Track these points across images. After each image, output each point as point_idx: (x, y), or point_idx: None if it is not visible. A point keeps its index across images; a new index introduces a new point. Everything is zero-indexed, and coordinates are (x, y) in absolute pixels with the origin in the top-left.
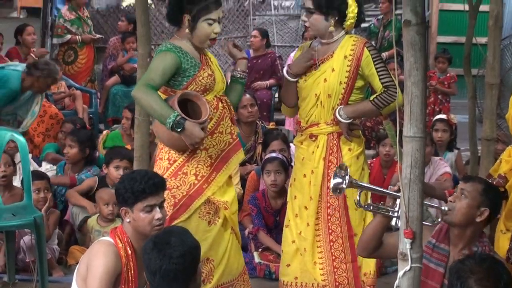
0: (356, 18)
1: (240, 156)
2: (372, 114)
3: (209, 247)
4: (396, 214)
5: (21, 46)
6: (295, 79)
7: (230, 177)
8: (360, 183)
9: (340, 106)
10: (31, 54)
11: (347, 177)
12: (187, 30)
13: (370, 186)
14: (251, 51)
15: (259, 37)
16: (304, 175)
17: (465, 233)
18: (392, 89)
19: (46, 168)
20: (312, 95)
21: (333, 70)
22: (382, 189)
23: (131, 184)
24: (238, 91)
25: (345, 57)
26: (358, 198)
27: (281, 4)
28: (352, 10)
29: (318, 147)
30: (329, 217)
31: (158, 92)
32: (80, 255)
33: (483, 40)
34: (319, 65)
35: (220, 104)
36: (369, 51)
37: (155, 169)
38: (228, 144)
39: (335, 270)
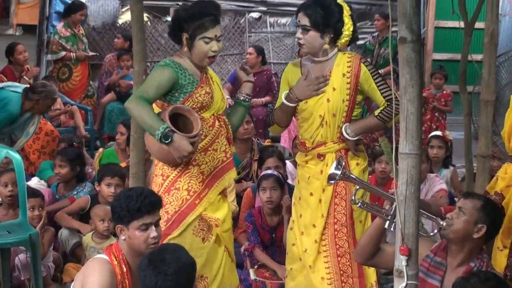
0: (351, 36)
1: (232, 174)
2: (378, 129)
3: (203, 264)
4: (389, 217)
5: (14, 65)
6: (296, 104)
7: (224, 195)
8: (354, 177)
9: (346, 124)
10: (24, 77)
11: (342, 170)
12: (186, 48)
13: (364, 182)
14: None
15: (254, 54)
16: (311, 194)
17: (463, 249)
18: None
19: (35, 183)
20: (316, 116)
21: (334, 89)
22: (377, 188)
23: (127, 202)
24: (240, 114)
25: (343, 74)
26: (353, 195)
27: (277, 21)
28: (348, 27)
29: (327, 165)
30: (336, 232)
31: (155, 106)
32: (75, 273)
33: (478, 57)
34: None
35: (217, 123)
36: (366, 66)
37: (153, 186)
38: (221, 162)
39: (343, 285)
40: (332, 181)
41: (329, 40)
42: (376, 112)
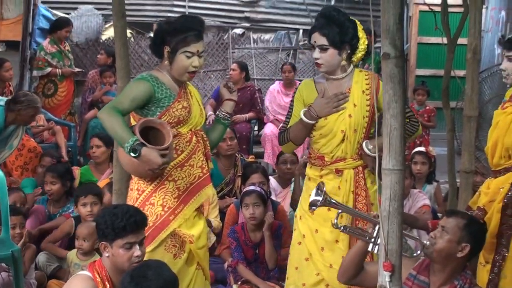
0: (365, 50)
1: (208, 191)
2: None
3: None
4: (372, 239)
5: None
6: (316, 121)
7: (201, 211)
8: (336, 202)
9: (366, 141)
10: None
11: (324, 195)
12: (166, 62)
13: (346, 206)
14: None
15: (238, 70)
16: (328, 209)
17: (446, 268)
18: (413, 119)
19: None
20: (338, 132)
21: (354, 105)
22: (359, 212)
23: (112, 220)
24: (219, 131)
25: (363, 91)
26: (335, 220)
27: (261, 37)
28: (363, 42)
29: (347, 181)
30: None
31: (132, 120)
32: None
33: (461, 73)
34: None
35: (194, 138)
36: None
37: (127, 200)
38: (197, 178)
39: None
40: (314, 207)
41: (346, 56)
42: None
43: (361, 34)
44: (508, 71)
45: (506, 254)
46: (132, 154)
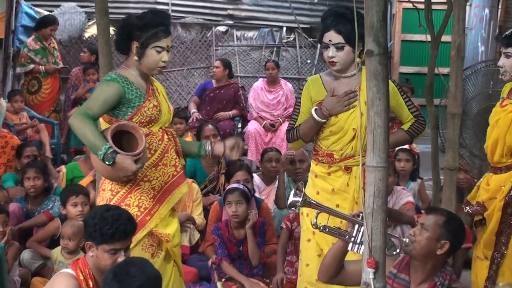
0: None
1: (183, 188)
2: (405, 143)
3: None
4: (352, 239)
5: None
6: (327, 119)
7: (174, 209)
8: (315, 203)
9: None
10: None
11: (303, 196)
12: (135, 58)
13: (325, 206)
14: (213, 81)
15: (221, 67)
16: (337, 205)
17: (426, 265)
18: (421, 118)
19: None
20: (349, 130)
21: (365, 103)
22: (339, 212)
23: (101, 225)
24: (194, 152)
25: None
26: (315, 219)
27: (244, 35)
28: None
29: (356, 178)
30: None
31: (102, 122)
32: (42, 287)
33: (445, 70)
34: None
35: (166, 136)
36: (393, 82)
37: (98, 200)
38: (172, 177)
39: None
40: (294, 208)
41: (359, 53)
42: (406, 127)
43: None
44: (506, 68)
45: (505, 252)
46: (106, 162)
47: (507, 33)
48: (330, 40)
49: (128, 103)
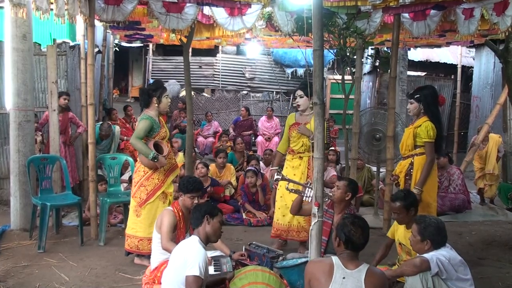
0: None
1: (177, 171)
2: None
3: (159, 213)
4: (304, 195)
5: None
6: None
7: (173, 181)
8: (287, 178)
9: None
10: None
11: (281, 175)
12: (156, 105)
13: (292, 180)
14: (241, 117)
15: (245, 110)
16: (294, 174)
17: (341, 205)
18: (330, 137)
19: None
20: (300, 141)
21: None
22: (298, 182)
23: (187, 184)
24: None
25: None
26: (287, 185)
27: (256, 95)
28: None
29: (304, 161)
30: None
31: (142, 140)
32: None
33: (351, 111)
34: (304, 124)
35: (169, 145)
36: (325, 121)
37: (135, 175)
38: (172, 165)
39: None
40: (277, 181)
41: (310, 103)
42: (325, 141)
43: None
44: (410, 109)
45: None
46: (154, 160)
47: (410, 92)
48: (299, 95)
49: (154, 130)
